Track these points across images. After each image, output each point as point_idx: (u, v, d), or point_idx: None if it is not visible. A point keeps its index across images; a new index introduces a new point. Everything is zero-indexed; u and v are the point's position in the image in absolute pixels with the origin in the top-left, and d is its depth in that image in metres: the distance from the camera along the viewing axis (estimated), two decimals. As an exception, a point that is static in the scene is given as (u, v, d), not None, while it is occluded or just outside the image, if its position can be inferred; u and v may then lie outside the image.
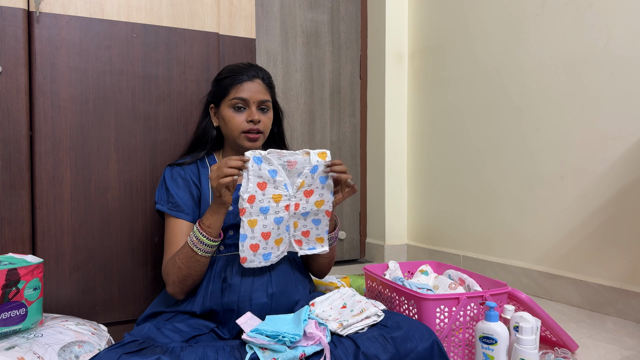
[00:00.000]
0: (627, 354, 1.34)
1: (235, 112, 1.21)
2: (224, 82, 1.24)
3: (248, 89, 1.21)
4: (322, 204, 1.16)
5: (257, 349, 0.93)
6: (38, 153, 1.29)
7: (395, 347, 0.96)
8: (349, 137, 2.63)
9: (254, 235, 1.10)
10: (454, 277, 1.45)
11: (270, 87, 1.28)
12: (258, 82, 1.23)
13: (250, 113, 1.21)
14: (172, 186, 1.22)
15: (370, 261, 2.63)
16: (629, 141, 1.64)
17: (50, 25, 1.29)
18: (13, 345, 1.01)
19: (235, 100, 1.21)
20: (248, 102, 1.21)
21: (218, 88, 1.25)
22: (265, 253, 1.13)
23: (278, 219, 1.12)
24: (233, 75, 1.23)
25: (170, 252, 1.18)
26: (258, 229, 1.10)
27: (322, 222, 1.18)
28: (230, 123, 1.22)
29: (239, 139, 1.22)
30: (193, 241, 1.09)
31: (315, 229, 1.18)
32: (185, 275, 1.11)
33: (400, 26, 2.56)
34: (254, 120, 1.20)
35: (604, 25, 1.70)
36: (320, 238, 1.19)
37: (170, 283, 1.13)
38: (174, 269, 1.12)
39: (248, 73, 1.23)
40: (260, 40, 2.37)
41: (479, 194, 2.19)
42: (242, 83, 1.21)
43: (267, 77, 1.27)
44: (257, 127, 1.21)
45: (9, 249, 1.26)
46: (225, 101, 1.23)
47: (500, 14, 2.07)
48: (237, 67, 1.26)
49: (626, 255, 1.64)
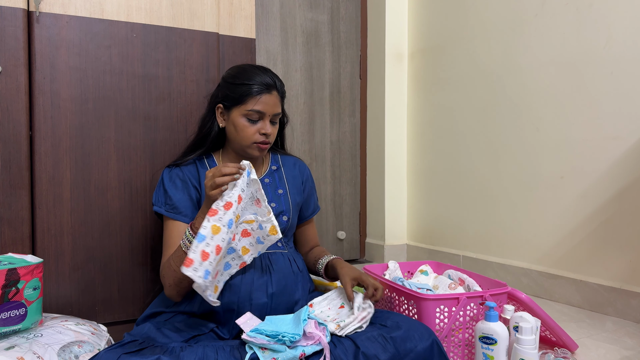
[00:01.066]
0: (626, 354, 1.34)
1: (249, 122, 1.19)
2: (240, 88, 1.19)
3: (266, 102, 1.19)
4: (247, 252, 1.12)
5: (257, 349, 0.93)
6: (38, 153, 1.29)
7: (395, 347, 0.96)
8: (348, 137, 2.63)
9: (211, 242, 0.99)
10: (454, 277, 1.45)
11: (283, 97, 1.26)
12: (275, 95, 1.21)
13: (263, 126, 1.20)
14: (170, 188, 1.22)
15: (370, 261, 2.63)
16: (629, 141, 1.64)
17: (50, 25, 1.29)
18: (13, 345, 1.01)
19: (252, 112, 1.18)
20: (264, 115, 1.19)
21: (232, 92, 1.20)
22: (207, 269, 0.98)
23: (229, 238, 1.05)
24: (251, 84, 1.19)
25: (168, 255, 1.18)
26: (217, 239, 1.00)
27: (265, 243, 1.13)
28: (242, 132, 1.20)
29: (250, 148, 1.21)
30: (186, 244, 1.08)
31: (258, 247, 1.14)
32: (181, 278, 1.09)
33: (400, 26, 2.56)
34: (267, 133, 1.20)
35: (604, 25, 1.70)
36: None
37: (167, 286, 1.13)
38: (169, 271, 1.11)
39: (266, 83, 1.19)
40: (260, 40, 2.37)
41: (479, 194, 2.19)
42: (261, 95, 1.18)
43: (282, 87, 1.25)
44: (268, 139, 1.21)
45: (8, 249, 1.26)
46: (240, 109, 1.19)
47: (500, 14, 2.07)
48: (254, 73, 1.21)
49: (626, 255, 1.64)
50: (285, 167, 1.35)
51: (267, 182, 1.30)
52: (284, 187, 1.31)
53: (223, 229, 1.00)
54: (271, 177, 1.31)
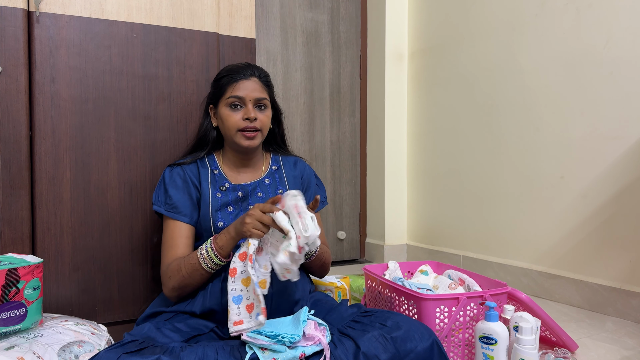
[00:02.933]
0: (626, 354, 1.34)
1: (232, 110, 1.22)
2: (221, 81, 1.24)
3: (244, 87, 1.22)
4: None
5: (257, 349, 0.93)
6: (38, 153, 1.29)
7: (395, 347, 0.96)
8: (348, 137, 2.63)
9: (249, 295, 1.02)
10: (454, 277, 1.45)
11: (268, 85, 1.28)
12: (254, 80, 1.24)
13: (246, 111, 1.21)
14: (170, 187, 1.22)
15: (370, 261, 2.63)
16: (629, 141, 1.64)
17: (50, 25, 1.29)
18: (13, 345, 1.01)
19: (232, 99, 1.21)
20: (244, 100, 1.21)
21: (216, 88, 1.26)
22: (257, 312, 1.01)
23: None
24: (230, 75, 1.24)
25: (168, 254, 1.18)
26: (251, 287, 1.01)
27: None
28: (227, 121, 1.22)
29: (236, 137, 1.22)
30: (203, 257, 1.09)
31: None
32: (187, 284, 1.12)
33: (400, 26, 2.56)
34: (250, 117, 1.20)
35: (603, 25, 1.70)
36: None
37: (170, 287, 1.14)
38: (177, 275, 1.12)
39: (244, 72, 1.24)
40: (260, 40, 2.37)
41: (479, 194, 2.19)
42: (239, 81, 1.22)
43: (264, 75, 1.27)
44: (253, 124, 1.21)
45: (8, 249, 1.26)
46: (223, 100, 1.23)
47: (500, 14, 2.07)
48: (235, 66, 1.26)
49: (626, 255, 1.64)
50: (286, 167, 1.36)
51: (268, 182, 1.30)
52: (284, 187, 1.31)
53: (252, 277, 0.99)
54: (271, 177, 1.31)
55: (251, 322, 1.00)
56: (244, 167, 1.30)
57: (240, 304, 1.01)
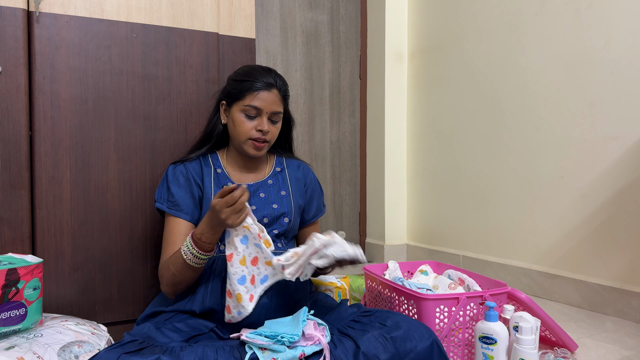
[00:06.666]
0: (626, 354, 1.34)
1: (246, 118, 1.21)
2: (242, 85, 1.22)
3: (263, 98, 1.20)
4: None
5: (257, 349, 0.93)
6: (38, 153, 1.29)
7: (395, 346, 0.96)
8: (348, 137, 2.63)
9: (250, 269, 1.09)
10: (454, 277, 1.45)
11: (285, 97, 1.27)
12: (275, 93, 1.23)
13: (260, 122, 1.21)
14: (173, 185, 1.23)
15: (370, 261, 2.63)
16: (628, 141, 1.64)
17: (49, 25, 1.29)
18: (13, 345, 1.01)
19: (249, 108, 1.20)
20: (261, 111, 1.21)
21: (234, 88, 1.23)
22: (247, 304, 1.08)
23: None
24: (251, 80, 1.21)
25: (167, 251, 1.18)
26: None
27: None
28: (239, 127, 1.22)
29: (245, 145, 1.22)
30: (187, 255, 1.09)
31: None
32: (179, 281, 1.12)
33: (400, 26, 2.56)
34: (264, 130, 1.21)
35: (603, 25, 1.70)
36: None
37: (164, 284, 1.16)
38: (167, 273, 1.13)
39: (266, 81, 1.21)
40: (260, 40, 2.37)
41: (479, 194, 2.19)
42: (259, 91, 1.20)
43: (284, 87, 1.26)
44: (264, 137, 1.22)
45: (8, 249, 1.26)
46: (239, 104, 1.22)
47: (500, 14, 2.07)
48: (257, 71, 1.24)
49: (626, 255, 1.64)
50: (289, 169, 1.36)
51: (271, 183, 1.30)
52: (287, 189, 1.31)
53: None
54: (274, 179, 1.31)
55: (246, 308, 1.06)
56: (247, 168, 1.30)
57: (246, 282, 1.06)
